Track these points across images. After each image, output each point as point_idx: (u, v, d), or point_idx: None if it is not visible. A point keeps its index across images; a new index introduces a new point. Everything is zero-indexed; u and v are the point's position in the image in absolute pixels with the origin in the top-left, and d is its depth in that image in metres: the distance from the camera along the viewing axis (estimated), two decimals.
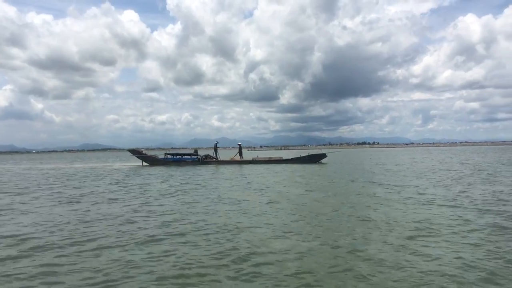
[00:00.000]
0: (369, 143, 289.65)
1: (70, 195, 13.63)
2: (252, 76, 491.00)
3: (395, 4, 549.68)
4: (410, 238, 6.79)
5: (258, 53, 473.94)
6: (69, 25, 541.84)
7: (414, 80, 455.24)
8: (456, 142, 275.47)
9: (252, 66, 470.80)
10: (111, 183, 18.41)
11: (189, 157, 33.30)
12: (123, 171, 28.09)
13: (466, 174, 19.63)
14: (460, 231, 7.25)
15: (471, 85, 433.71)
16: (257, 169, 26.36)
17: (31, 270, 5.40)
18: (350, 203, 10.75)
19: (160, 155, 35.11)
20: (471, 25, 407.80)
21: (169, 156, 34.21)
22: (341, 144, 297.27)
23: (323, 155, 34.82)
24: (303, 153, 40.63)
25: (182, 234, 7.32)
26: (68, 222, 8.58)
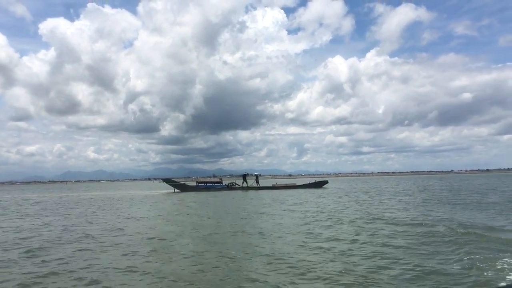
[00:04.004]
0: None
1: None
2: (132, 107, 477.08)
3: (272, 43, 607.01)
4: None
5: (138, 84, 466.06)
6: None
7: (290, 115, 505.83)
8: (330, 173, 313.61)
9: (132, 97, 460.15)
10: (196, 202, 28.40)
11: (218, 184, 44.07)
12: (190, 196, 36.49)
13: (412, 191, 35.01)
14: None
15: (339, 120, 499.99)
16: (258, 194, 38.12)
17: None
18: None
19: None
20: (339, 66, 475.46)
21: (200, 184, 44.23)
22: (224, 176, 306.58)
23: (326, 182, 47.98)
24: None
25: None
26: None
